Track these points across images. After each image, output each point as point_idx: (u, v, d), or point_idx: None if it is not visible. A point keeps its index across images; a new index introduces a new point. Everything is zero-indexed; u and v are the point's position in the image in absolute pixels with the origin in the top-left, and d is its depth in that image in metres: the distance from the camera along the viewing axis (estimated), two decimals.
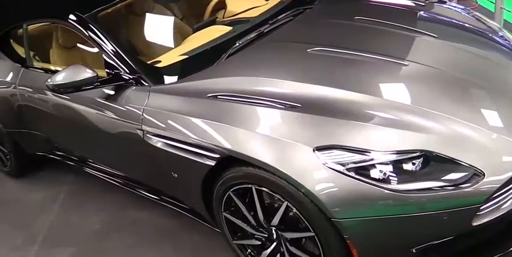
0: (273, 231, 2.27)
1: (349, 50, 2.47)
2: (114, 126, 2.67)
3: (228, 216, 2.39)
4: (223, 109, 2.28)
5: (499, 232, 2.22)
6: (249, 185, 2.19)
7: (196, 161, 2.29)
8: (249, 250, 2.45)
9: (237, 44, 2.69)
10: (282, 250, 2.29)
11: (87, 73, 2.54)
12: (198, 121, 2.28)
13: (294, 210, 2.09)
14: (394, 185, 1.93)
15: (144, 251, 2.88)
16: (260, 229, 2.32)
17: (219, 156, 2.21)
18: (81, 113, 2.85)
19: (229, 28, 2.92)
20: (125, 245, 2.96)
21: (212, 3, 3.42)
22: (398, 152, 1.98)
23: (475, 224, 2.00)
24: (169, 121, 2.38)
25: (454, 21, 2.90)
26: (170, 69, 2.64)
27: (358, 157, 1.97)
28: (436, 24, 2.85)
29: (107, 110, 2.67)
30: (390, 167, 1.96)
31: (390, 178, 1.95)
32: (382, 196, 1.93)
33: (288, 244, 2.25)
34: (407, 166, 1.97)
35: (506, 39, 2.78)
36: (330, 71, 2.39)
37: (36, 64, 3.29)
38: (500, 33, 2.84)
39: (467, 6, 4.84)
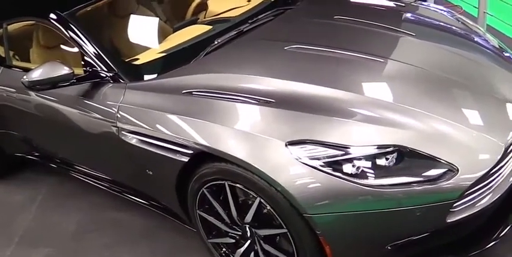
0: (247, 228, 2.24)
1: (327, 47, 2.47)
2: (90, 124, 2.64)
3: (203, 214, 2.36)
4: (197, 105, 2.26)
5: (478, 228, 2.21)
6: (223, 182, 2.17)
7: (170, 157, 2.27)
8: (223, 249, 2.42)
9: (216, 42, 2.69)
10: (256, 248, 2.26)
11: (64, 70, 2.52)
12: (171, 117, 2.26)
13: (267, 206, 2.06)
14: (367, 180, 1.92)
15: (121, 251, 2.84)
16: (234, 227, 2.29)
17: (192, 152, 2.19)
18: (58, 111, 2.82)
19: (209, 27, 2.92)
20: (102, 245, 2.92)
21: (193, 5, 3.42)
22: (372, 147, 1.96)
23: (449, 220, 1.98)
24: (143, 117, 2.36)
25: (435, 21, 2.90)
26: (147, 67, 2.63)
27: (330, 152, 1.96)
28: (416, 24, 2.87)
29: (84, 107, 2.65)
30: (363, 162, 1.94)
31: (363, 172, 1.93)
32: (354, 190, 1.91)
33: (261, 241, 2.22)
34: (381, 161, 1.96)
35: (487, 41, 2.79)
36: (305, 67, 2.39)
37: (16, 63, 3.27)
38: (482, 35, 2.85)
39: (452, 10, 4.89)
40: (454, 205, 1.97)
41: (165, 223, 2.84)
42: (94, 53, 2.65)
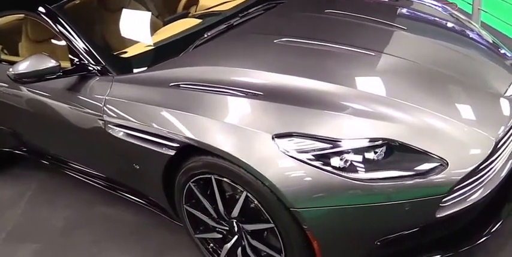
0: (234, 223, 2.20)
1: (317, 41, 2.44)
2: (77, 118, 2.60)
3: (190, 209, 2.32)
4: (184, 98, 2.22)
5: (470, 223, 2.18)
6: (209, 175, 2.13)
7: (156, 151, 2.23)
8: (211, 244, 2.38)
9: (205, 36, 2.65)
10: (243, 243, 2.22)
11: (50, 63, 2.48)
12: (157, 110, 2.23)
13: (254, 200, 2.03)
14: (355, 173, 1.88)
15: (110, 248, 2.80)
16: (221, 222, 2.25)
17: (178, 145, 2.15)
18: (46, 105, 2.78)
19: (199, 21, 2.88)
20: (90, 241, 2.88)
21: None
22: (360, 141, 1.93)
23: (439, 215, 1.95)
24: (129, 111, 2.32)
25: (428, 16, 2.87)
26: (135, 60, 2.59)
27: (318, 145, 1.92)
28: (409, 18, 2.83)
29: (71, 101, 2.61)
30: (351, 156, 1.90)
31: (351, 166, 1.89)
32: (342, 184, 1.87)
33: (249, 237, 2.18)
34: (370, 155, 1.92)
35: (481, 37, 2.75)
36: (294, 60, 2.35)
37: (4, 57, 3.23)
38: (476, 31, 2.81)
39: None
40: (444, 199, 1.94)
41: (155, 219, 2.80)
42: (81, 46, 2.61)
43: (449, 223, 2.05)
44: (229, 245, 2.26)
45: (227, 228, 2.25)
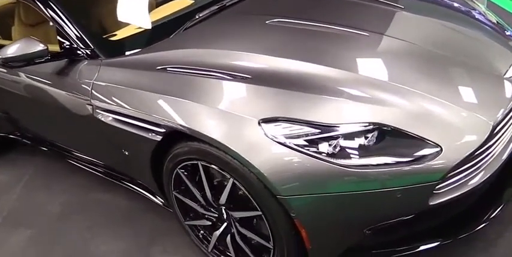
0: (223, 211, 2.15)
1: (310, 21, 2.34)
2: (67, 103, 2.55)
3: (178, 195, 2.28)
4: (170, 81, 2.15)
5: (467, 210, 2.10)
6: (196, 162, 2.07)
7: (143, 136, 2.17)
8: (201, 231, 2.34)
9: (197, 17, 2.57)
10: (232, 230, 2.17)
11: (38, 46, 2.43)
12: (144, 94, 2.16)
13: (241, 187, 1.97)
14: (344, 159, 1.80)
15: (103, 234, 2.78)
16: (210, 209, 2.20)
17: (164, 130, 2.09)
18: (38, 89, 2.73)
19: (191, 1, 2.79)
20: (84, 226, 2.86)
21: None
22: (350, 125, 1.84)
23: (432, 203, 1.87)
24: (116, 95, 2.26)
25: None
26: (124, 43, 2.53)
27: (306, 130, 1.84)
28: None
29: (61, 85, 2.56)
30: (341, 141, 1.82)
31: (340, 152, 1.81)
32: (330, 171, 1.79)
33: (237, 224, 2.13)
34: (360, 140, 1.83)
35: (484, 16, 2.63)
36: (285, 42, 2.26)
37: None
38: (479, 10, 2.69)
39: None
40: (437, 186, 1.86)
41: (148, 205, 2.76)
42: (70, 28, 2.55)
43: (446, 210, 1.98)
44: (218, 232, 2.22)
45: (216, 215, 2.20)
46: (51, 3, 2.65)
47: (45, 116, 2.91)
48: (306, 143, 1.83)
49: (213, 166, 2.03)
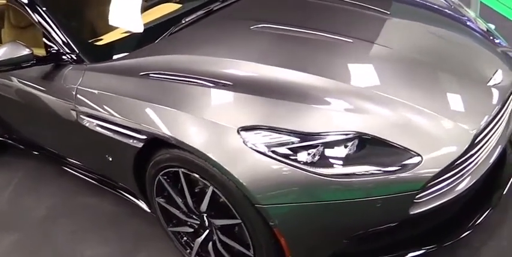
0: (205, 218, 2.14)
1: (294, 27, 2.33)
2: (52, 108, 2.54)
3: (161, 202, 2.27)
4: (152, 88, 2.15)
5: (450, 219, 2.10)
6: (177, 169, 2.06)
7: (126, 142, 2.17)
8: (184, 238, 2.33)
9: (183, 22, 2.56)
10: (214, 238, 2.16)
11: (24, 51, 2.41)
12: (126, 100, 2.16)
13: (221, 195, 1.96)
14: (323, 168, 1.79)
15: (88, 238, 2.77)
16: (192, 216, 2.19)
17: (146, 137, 2.08)
18: (25, 93, 2.72)
19: (179, 6, 2.78)
20: (70, 231, 2.85)
21: None
22: (330, 134, 1.84)
23: (412, 212, 1.86)
24: (99, 101, 2.26)
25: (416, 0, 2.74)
26: (109, 47, 2.51)
27: (286, 139, 1.83)
28: (395, 2, 2.68)
29: (47, 90, 2.55)
30: (320, 150, 1.81)
31: (319, 161, 1.80)
32: (309, 180, 1.78)
33: (218, 232, 2.12)
34: (340, 149, 1.83)
35: (472, 23, 2.61)
36: (268, 48, 2.26)
37: None
38: (468, 17, 2.66)
39: None
40: (418, 196, 1.85)
41: (135, 210, 2.74)
42: (56, 33, 2.53)
43: (429, 218, 1.98)
44: (200, 239, 2.21)
45: (198, 222, 2.19)
46: (38, 8, 2.63)
47: (33, 120, 2.90)
48: (285, 152, 1.82)
49: (193, 173, 2.02)
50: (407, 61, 2.17)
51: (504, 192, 2.26)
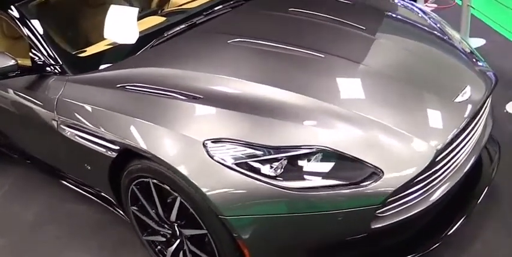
0: (175, 228, 2.18)
1: (270, 41, 2.38)
2: (36, 116, 2.60)
3: (135, 211, 2.31)
4: (127, 100, 2.21)
5: (419, 232, 2.13)
6: (147, 179, 2.11)
7: (101, 153, 2.23)
8: (158, 247, 2.37)
9: (165, 35, 2.62)
10: (184, 247, 2.20)
11: (9, 61, 2.49)
12: (102, 111, 2.22)
13: (188, 206, 2.00)
14: (285, 182, 1.83)
15: (72, 245, 2.82)
16: (164, 225, 2.23)
17: (119, 148, 2.14)
18: (12, 102, 2.80)
19: (164, 19, 2.85)
20: (55, 237, 2.90)
21: None
22: (293, 148, 1.88)
23: (374, 226, 1.89)
24: (77, 111, 2.32)
25: (396, 17, 2.77)
26: (91, 59, 2.57)
27: (249, 152, 1.88)
28: (375, 19, 2.69)
29: (32, 99, 2.62)
30: (283, 163, 1.85)
31: (282, 174, 1.84)
32: (271, 193, 1.83)
33: (188, 242, 2.16)
34: (302, 163, 1.87)
35: (452, 41, 2.62)
36: (242, 62, 2.31)
37: None
38: (449, 35, 2.68)
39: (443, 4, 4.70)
40: (381, 210, 1.88)
41: (118, 218, 2.79)
42: (42, 45, 2.61)
43: (394, 232, 2.00)
44: (172, 248, 2.25)
45: (170, 232, 2.23)
46: (26, 20, 2.71)
47: (21, 129, 2.97)
48: (249, 165, 1.86)
49: (164, 185, 2.07)
50: (378, 77, 2.20)
51: (479, 201, 2.30)
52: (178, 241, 2.21)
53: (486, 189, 2.32)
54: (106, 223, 2.93)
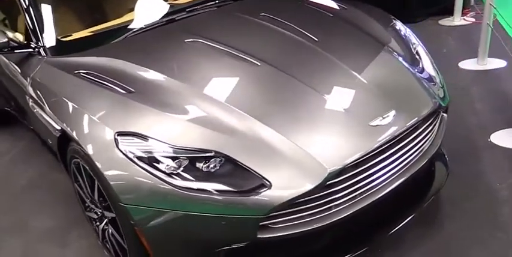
0: (101, 208, 2.35)
1: (220, 44, 2.48)
2: (17, 91, 2.89)
3: (77, 187, 2.52)
4: (76, 86, 2.39)
5: (328, 244, 2.17)
6: (77, 159, 2.30)
7: (51, 131, 2.45)
8: (97, 222, 2.55)
9: (142, 27, 2.77)
10: (108, 229, 2.37)
11: (1, 38, 2.75)
12: (55, 94, 2.42)
13: (102, 190, 2.16)
14: (177, 180, 1.93)
15: (45, 210, 3.07)
16: (97, 204, 2.40)
17: (60, 128, 2.34)
18: (10, 69, 3.04)
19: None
20: (40, 201, 3.17)
21: None
22: (195, 150, 1.97)
23: (261, 236, 1.94)
24: (40, 91, 2.55)
25: (360, 32, 2.68)
26: (70, 44, 2.77)
27: (154, 148, 1.99)
28: (333, 30, 2.70)
29: (21, 72, 2.86)
30: (184, 163, 1.96)
31: (179, 173, 1.94)
32: (163, 188, 1.94)
33: (110, 223, 2.32)
34: (199, 165, 1.96)
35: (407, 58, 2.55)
36: (184, 62, 2.41)
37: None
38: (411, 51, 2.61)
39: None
40: (271, 221, 1.93)
41: None
42: (33, 23, 2.82)
43: (292, 244, 2.04)
44: (101, 226, 2.43)
45: (100, 211, 2.41)
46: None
47: (17, 96, 3.19)
48: (150, 160, 1.97)
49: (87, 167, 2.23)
50: (296, 90, 2.23)
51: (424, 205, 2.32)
52: (104, 221, 2.39)
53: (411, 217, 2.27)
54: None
